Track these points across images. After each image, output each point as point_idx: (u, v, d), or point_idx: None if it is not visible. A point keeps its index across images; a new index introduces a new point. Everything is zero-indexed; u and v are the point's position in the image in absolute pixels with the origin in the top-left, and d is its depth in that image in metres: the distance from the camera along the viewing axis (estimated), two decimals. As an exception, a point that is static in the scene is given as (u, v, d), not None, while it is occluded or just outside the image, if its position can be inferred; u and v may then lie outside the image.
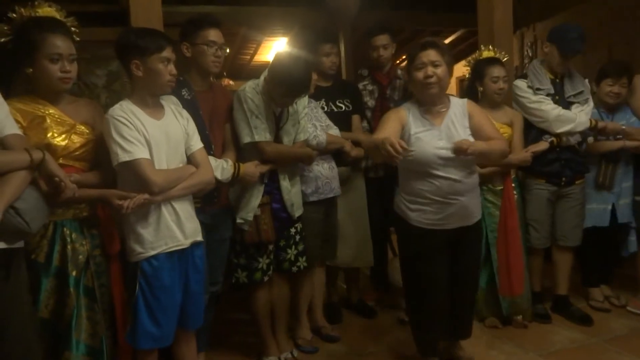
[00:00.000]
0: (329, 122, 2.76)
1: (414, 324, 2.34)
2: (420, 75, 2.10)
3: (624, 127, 2.88)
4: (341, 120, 2.91)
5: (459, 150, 2.02)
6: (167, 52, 1.86)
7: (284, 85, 2.24)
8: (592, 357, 2.51)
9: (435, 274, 2.18)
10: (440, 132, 2.12)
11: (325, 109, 2.90)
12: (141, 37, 1.87)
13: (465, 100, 2.26)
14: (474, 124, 2.18)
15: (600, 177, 2.94)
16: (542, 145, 2.78)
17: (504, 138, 2.38)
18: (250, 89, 2.33)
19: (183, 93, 2.17)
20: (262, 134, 2.30)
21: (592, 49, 4.40)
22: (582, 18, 4.57)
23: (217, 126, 2.30)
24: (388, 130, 2.06)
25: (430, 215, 2.14)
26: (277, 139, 2.38)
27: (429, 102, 2.16)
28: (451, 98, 2.24)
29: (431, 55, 2.09)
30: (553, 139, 2.78)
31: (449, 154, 2.05)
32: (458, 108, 2.19)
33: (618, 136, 2.90)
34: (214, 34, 2.19)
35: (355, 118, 3.02)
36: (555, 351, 2.59)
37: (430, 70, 2.08)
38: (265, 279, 2.43)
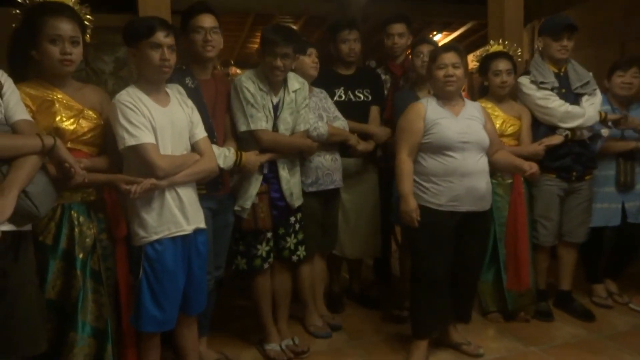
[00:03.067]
0: (337, 113, 2.74)
1: (414, 305, 2.45)
2: (441, 74, 2.32)
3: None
4: (359, 111, 2.88)
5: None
6: (158, 37, 1.85)
7: (268, 40, 2.29)
8: (593, 352, 2.52)
9: (440, 256, 2.30)
10: (458, 121, 2.31)
11: (343, 97, 2.88)
12: (134, 23, 1.90)
13: (479, 103, 2.51)
14: (488, 128, 2.39)
15: (621, 176, 2.92)
16: (557, 139, 2.74)
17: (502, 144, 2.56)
18: (246, 78, 2.35)
19: (187, 82, 2.18)
20: (258, 123, 2.31)
21: (604, 45, 4.37)
22: (595, 13, 4.52)
23: (219, 115, 2.31)
24: (414, 134, 2.31)
25: (443, 195, 2.27)
26: (274, 128, 2.39)
27: (446, 98, 2.36)
28: (465, 99, 2.45)
29: (452, 57, 2.31)
30: (568, 132, 2.74)
31: (469, 138, 2.27)
32: (473, 108, 2.41)
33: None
34: (202, 19, 2.19)
35: (374, 109, 2.97)
36: (556, 346, 2.60)
37: (450, 70, 2.30)
38: (265, 266, 2.45)
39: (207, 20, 2.20)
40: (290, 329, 2.67)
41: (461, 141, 2.26)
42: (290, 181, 2.45)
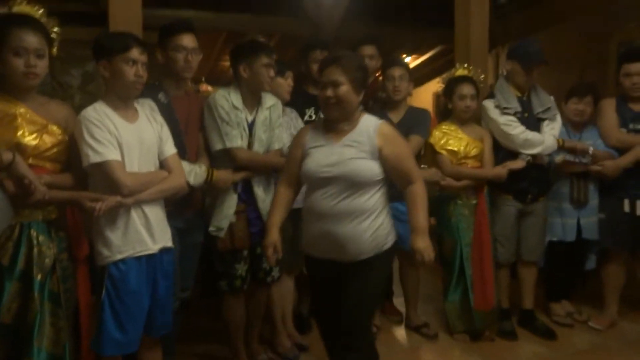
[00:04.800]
0: None
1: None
2: (321, 94, 1.91)
3: (592, 149, 2.96)
4: None
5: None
6: (134, 54, 1.85)
7: (261, 51, 2.29)
8: (554, 371, 2.58)
9: (321, 301, 2.05)
10: (333, 150, 1.90)
11: (314, 117, 2.90)
12: (109, 38, 1.89)
13: (380, 123, 1.95)
14: (387, 154, 1.89)
15: (574, 193, 3.03)
16: (519, 164, 2.83)
17: (419, 173, 2.00)
18: (219, 96, 2.34)
19: (160, 97, 2.17)
20: (233, 140, 2.30)
21: (565, 70, 4.55)
22: (557, 40, 4.72)
23: (191, 132, 2.30)
24: (292, 163, 2.02)
25: (304, 236, 2.03)
26: (249, 146, 2.39)
27: (332, 120, 1.96)
28: (365, 118, 1.97)
29: (333, 74, 1.87)
30: (530, 158, 2.83)
31: (332, 172, 1.86)
32: (365, 130, 1.91)
33: (584, 159, 2.97)
34: (185, 39, 2.19)
35: None
36: (519, 364, 2.65)
37: (329, 91, 1.87)
38: (245, 286, 2.42)
39: (191, 41, 2.20)
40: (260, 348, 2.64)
41: (321, 177, 1.87)
42: (266, 200, 2.43)
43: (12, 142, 1.72)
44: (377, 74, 3.17)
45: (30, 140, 1.76)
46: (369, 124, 1.94)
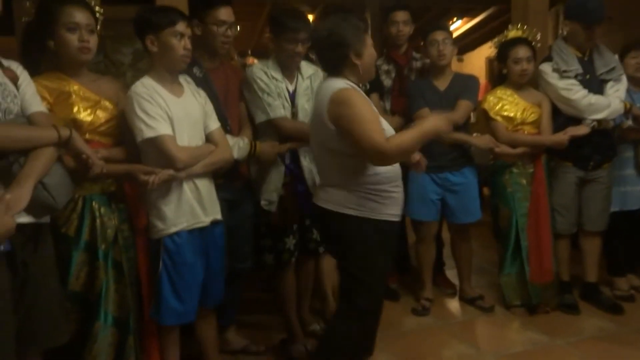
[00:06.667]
0: None
1: (345, 342, 1.89)
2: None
3: None
4: None
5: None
6: (181, 27, 1.85)
7: (287, 27, 2.21)
8: (621, 347, 2.44)
9: (385, 269, 1.97)
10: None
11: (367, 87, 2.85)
12: (154, 12, 1.90)
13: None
14: None
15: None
16: (583, 130, 2.63)
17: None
18: (257, 68, 2.32)
19: (195, 71, 2.15)
20: (277, 111, 2.27)
21: (635, 27, 4.20)
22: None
23: (232, 103, 2.28)
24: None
25: (396, 202, 1.87)
26: (293, 116, 2.35)
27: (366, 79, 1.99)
28: None
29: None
30: (595, 123, 2.62)
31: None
32: None
33: None
34: (224, 13, 2.15)
35: (374, 97, 2.90)
36: (583, 339, 2.53)
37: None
38: (293, 259, 2.42)
39: (229, 14, 2.17)
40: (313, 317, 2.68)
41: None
42: (313, 170, 2.40)
43: (68, 119, 1.78)
44: (420, 42, 3.03)
45: (85, 116, 1.82)
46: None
